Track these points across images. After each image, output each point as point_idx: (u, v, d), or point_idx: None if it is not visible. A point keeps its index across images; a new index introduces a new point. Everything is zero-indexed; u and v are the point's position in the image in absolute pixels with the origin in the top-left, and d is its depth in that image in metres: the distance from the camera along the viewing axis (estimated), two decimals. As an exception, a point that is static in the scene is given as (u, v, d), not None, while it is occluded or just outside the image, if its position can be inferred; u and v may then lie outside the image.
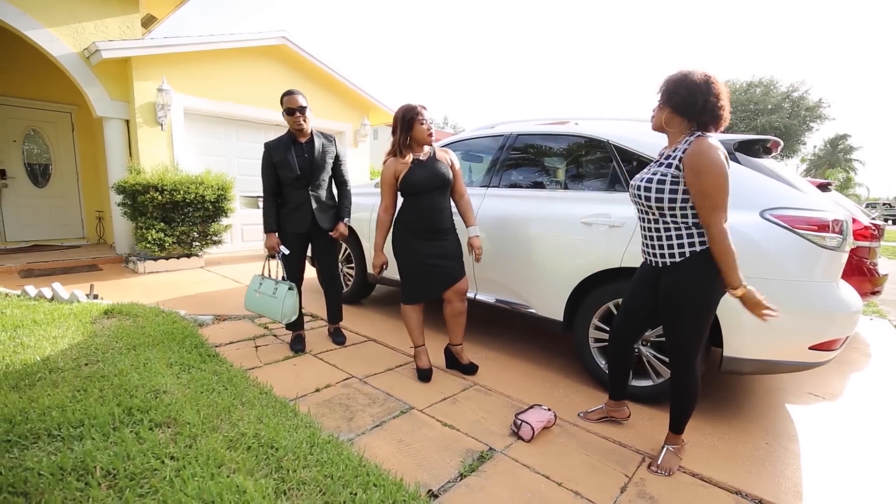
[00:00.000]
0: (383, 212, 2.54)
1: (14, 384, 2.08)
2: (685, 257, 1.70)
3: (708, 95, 1.61)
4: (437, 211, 2.49)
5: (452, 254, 2.56)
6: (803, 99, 27.94)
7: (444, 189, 2.51)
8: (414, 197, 2.48)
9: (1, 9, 4.87)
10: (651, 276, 1.87)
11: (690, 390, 1.82)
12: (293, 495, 1.50)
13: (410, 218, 2.50)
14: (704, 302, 1.70)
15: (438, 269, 2.52)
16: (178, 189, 5.13)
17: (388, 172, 2.48)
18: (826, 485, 1.85)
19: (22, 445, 1.63)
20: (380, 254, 2.57)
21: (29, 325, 2.88)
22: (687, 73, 1.66)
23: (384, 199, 2.53)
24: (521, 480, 1.75)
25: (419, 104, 2.44)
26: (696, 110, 1.64)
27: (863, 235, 3.65)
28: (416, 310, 2.63)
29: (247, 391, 2.20)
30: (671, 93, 1.67)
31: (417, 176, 2.43)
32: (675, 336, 1.79)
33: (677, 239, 1.71)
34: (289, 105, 2.73)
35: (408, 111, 2.43)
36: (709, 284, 1.67)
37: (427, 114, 2.44)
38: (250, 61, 6.51)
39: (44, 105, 6.60)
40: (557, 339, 3.43)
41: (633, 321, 1.99)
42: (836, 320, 2.09)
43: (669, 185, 1.66)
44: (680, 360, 1.79)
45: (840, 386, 2.91)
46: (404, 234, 2.53)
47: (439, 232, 2.51)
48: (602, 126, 2.80)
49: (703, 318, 1.72)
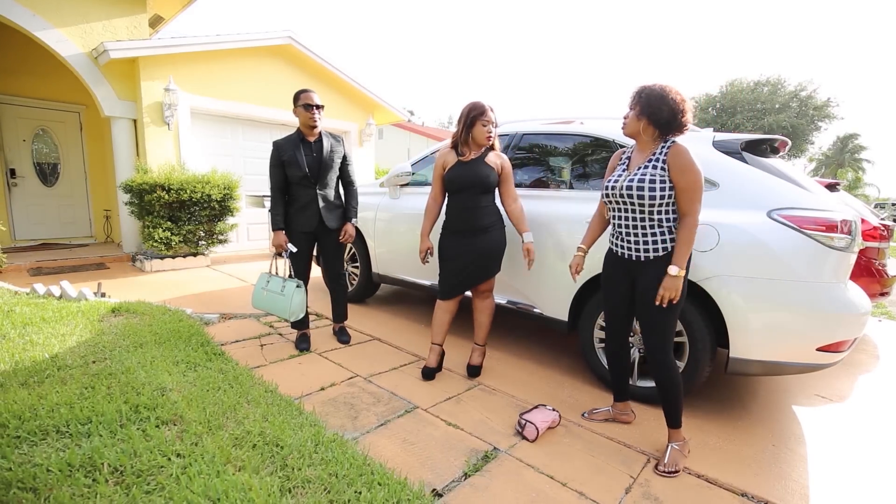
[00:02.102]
0: (431, 199, 2.63)
1: (23, 381, 2.10)
2: (667, 251, 1.83)
3: (683, 114, 1.82)
4: (471, 210, 2.49)
5: (487, 252, 2.53)
6: (811, 98, 27.65)
7: (481, 190, 2.48)
8: (452, 194, 2.54)
9: (12, 10, 4.93)
10: (622, 271, 1.97)
11: (672, 378, 1.88)
12: (298, 493, 1.51)
13: (448, 214, 2.57)
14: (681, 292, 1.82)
15: (469, 266, 2.53)
16: (185, 188, 5.17)
17: (438, 162, 2.56)
18: (833, 488, 1.84)
19: (31, 442, 1.65)
20: (425, 239, 2.65)
21: (38, 323, 2.91)
22: (665, 90, 1.82)
23: (433, 189, 2.63)
24: (525, 480, 1.74)
25: (488, 105, 2.44)
26: (672, 126, 1.83)
27: (871, 236, 3.62)
28: (447, 309, 2.62)
29: (252, 389, 2.22)
30: (654, 108, 1.82)
31: (455, 174, 2.48)
32: (653, 325, 1.87)
33: (660, 235, 1.84)
34: (306, 101, 2.76)
35: (473, 109, 2.43)
36: (685, 276, 1.82)
37: (493, 116, 2.44)
38: (256, 61, 6.54)
39: (52, 105, 6.66)
40: (563, 339, 3.42)
41: (618, 318, 2.07)
42: (844, 322, 2.07)
43: (659, 185, 1.80)
44: (657, 348, 1.87)
45: (848, 388, 2.88)
46: (444, 231, 2.60)
47: (475, 230, 2.50)
48: (607, 125, 2.79)
49: (678, 307, 1.84)
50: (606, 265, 2.06)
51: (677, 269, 1.76)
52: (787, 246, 2.05)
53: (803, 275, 2.04)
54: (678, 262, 1.77)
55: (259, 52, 6.52)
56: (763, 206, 2.14)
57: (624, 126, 1.95)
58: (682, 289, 1.80)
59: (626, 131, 1.95)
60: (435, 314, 2.65)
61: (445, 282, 2.59)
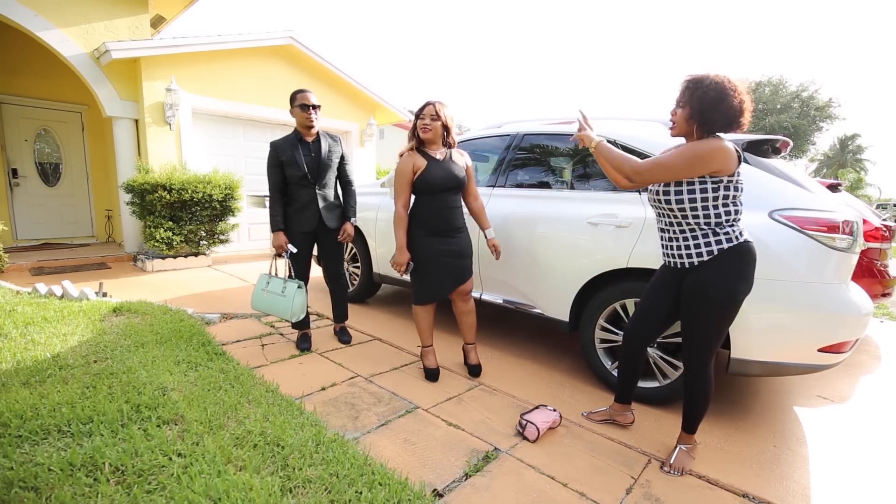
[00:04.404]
0: (402, 208, 2.45)
1: (25, 380, 2.11)
2: (712, 256, 1.70)
3: (742, 115, 1.63)
4: (451, 210, 2.50)
5: (464, 253, 2.56)
6: (813, 98, 27.61)
7: (457, 189, 2.52)
8: (429, 196, 2.46)
9: (14, 10, 4.95)
10: (671, 278, 1.87)
11: (705, 390, 1.81)
12: (299, 493, 1.51)
13: (426, 216, 2.48)
14: (729, 301, 1.69)
15: (451, 267, 2.53)
16: (186, 188, 5.17)
17: (405, 168, 2.42)
18: (835, 488, 1.83)
19: (32, 441, 1.65)
20: (405, 251, 2.46)
21: (39, 323, 2.92)
22: (725, 90, 1.61)
23: (403, 195, 2.45)
24: (526, 481, 1.74)
25: (434, 100, 2.43)
26: (726, 130, 1.65)
27: (873, 237, 3.61)
28: (428, 311, 2.61)
29: (253, 389, 2.22)
30: (709, 113, 1.64)
31: (434, 174, 2.42)
32: (694, 335, 1.78)
33: (703, 238, 1.71)
34: (303, 101, 2.76)
35: (417, 110, 2.45)
36: (735, 283, 1.68)
37: (435, 109, 2.40)
38: (258, 61, 6.55)
39: (54, 105, 6.67)
40: (564, 339, 3.42)
41: (648, 323, 1.97)
42: (845, 322, 2.06)
43: (699, 189, 1.66)
44: (696, 359, 1.79)
45: (849, 389, 2.88)
46: (419, 233, 2.49)
47: (453, 230, 2.52)
48: (609, 125, 2.78)
49: (725, 317, 1.72)
50: (659, 271, 1.97)
51: (595, 138, 1.83)
52: (788, 246, 2.05)
53: (805, 275, 2.03)
54: (587, 140, 1.88)
55: (260, 52, 6.53)
56: (764, 206, 2.14)
57: (672, 126, 1.77)
58: (737, 299, 1.68)
59: (674, 133, 1.77)
60: (417, 320, 2.62)
61: (425, 285, 2.53)
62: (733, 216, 1.70)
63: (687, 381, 1.85)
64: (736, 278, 1.68)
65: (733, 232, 1.70)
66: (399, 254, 2.46)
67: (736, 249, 1.68)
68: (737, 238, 1.69)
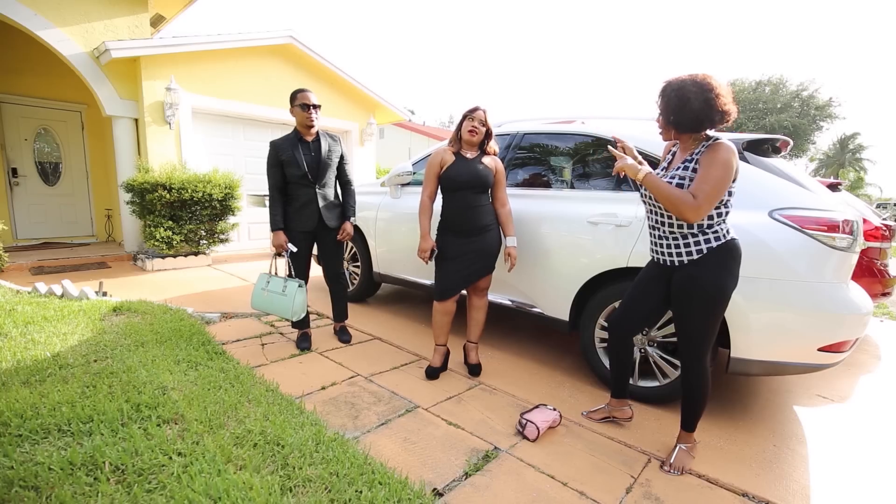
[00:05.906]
0: (427, 198, 2.57)
1: (25, 380, 2.11)
2: (702, 254, 1.73)
3: (717, 105, 1.62)
4: (472, 209, 2.51)
5: (485, 252, 2.56)
6: (813, 98, 27.61)
7: (481, 189, 2.52)
8: (451, 192, 2.52)
9: (14, 9, 4.94)
10: (660, 275, 1.88)
11: (702, 387, 1.83)
12: (299, 492, 1.51)
13: (447, 213, 2.55)
14: (718, 295, 1.72)
15: (468, 264, 2.54)
16: (186, 187, 5.17)
17: (434, 160, 2.54)
18: (834, 488, 1.83)
19: (33, 440, 1.65)
20: (428, 238, 2.55)
21: (39, 322, 2.92)
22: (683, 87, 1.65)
23: (429, 186, 2.57)
24: (526, 480, 1.74)
25: (483, 107, 2.51)
26: (706, 123, 1.66)
27: (873, 236, 3.61)
28: (448, 311, 2.61)
29: (253, 388, 2.22)
30: (676, 113, 1.68)
31: (456, 171, 2.48)
32: (687, 330, 1.80)
33: (692, 238, 1.74)
34: (303, 101, 2.76)
35: (467, 109, 2.52)
36: (723, 279, 1.71)
37: (483, 115, 2.49)
38: (258, 60, 6.54)
39: (54, 104, 6.67)
40: (565, 339, 3.42)
41: (631, 315, 2.00)
42: (845, 322, 2.06)
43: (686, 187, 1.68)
44: (691, 355, 1.81)
45: (849, 388, 2.88)
46: (441, 231, 2.58)
47: (475, 229, 2.52)
48: (609, 125, 2.78)
49: (715, 313, 1.75)
50: (646, 267, 1.98)
51: (640, 170, 1.69)
52: (788, 246, 2.05)
53: (805, 275, 2.03)
54: (634, 173, 1.70)
55: (260, 51, 6.52)
56: (765, 205, 2.14)
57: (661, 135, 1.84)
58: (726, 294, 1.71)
59: (664, 138, 1.84)
60: (434, 317, 2.63)
61: (444, 281, 2.57)
62: (724, 216, 1.73)
63: (684, 377, 1.86)
64: (724, 274, 1.71)
65: (721, 230, 1.73)
66: (423, 241, 2.55)
67: (724, 247, 1.72)
68: (724, 236, 1.73)
